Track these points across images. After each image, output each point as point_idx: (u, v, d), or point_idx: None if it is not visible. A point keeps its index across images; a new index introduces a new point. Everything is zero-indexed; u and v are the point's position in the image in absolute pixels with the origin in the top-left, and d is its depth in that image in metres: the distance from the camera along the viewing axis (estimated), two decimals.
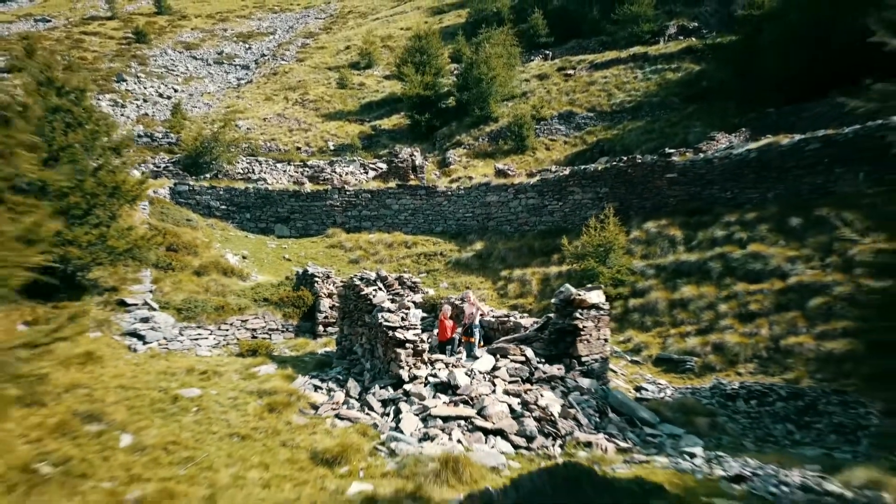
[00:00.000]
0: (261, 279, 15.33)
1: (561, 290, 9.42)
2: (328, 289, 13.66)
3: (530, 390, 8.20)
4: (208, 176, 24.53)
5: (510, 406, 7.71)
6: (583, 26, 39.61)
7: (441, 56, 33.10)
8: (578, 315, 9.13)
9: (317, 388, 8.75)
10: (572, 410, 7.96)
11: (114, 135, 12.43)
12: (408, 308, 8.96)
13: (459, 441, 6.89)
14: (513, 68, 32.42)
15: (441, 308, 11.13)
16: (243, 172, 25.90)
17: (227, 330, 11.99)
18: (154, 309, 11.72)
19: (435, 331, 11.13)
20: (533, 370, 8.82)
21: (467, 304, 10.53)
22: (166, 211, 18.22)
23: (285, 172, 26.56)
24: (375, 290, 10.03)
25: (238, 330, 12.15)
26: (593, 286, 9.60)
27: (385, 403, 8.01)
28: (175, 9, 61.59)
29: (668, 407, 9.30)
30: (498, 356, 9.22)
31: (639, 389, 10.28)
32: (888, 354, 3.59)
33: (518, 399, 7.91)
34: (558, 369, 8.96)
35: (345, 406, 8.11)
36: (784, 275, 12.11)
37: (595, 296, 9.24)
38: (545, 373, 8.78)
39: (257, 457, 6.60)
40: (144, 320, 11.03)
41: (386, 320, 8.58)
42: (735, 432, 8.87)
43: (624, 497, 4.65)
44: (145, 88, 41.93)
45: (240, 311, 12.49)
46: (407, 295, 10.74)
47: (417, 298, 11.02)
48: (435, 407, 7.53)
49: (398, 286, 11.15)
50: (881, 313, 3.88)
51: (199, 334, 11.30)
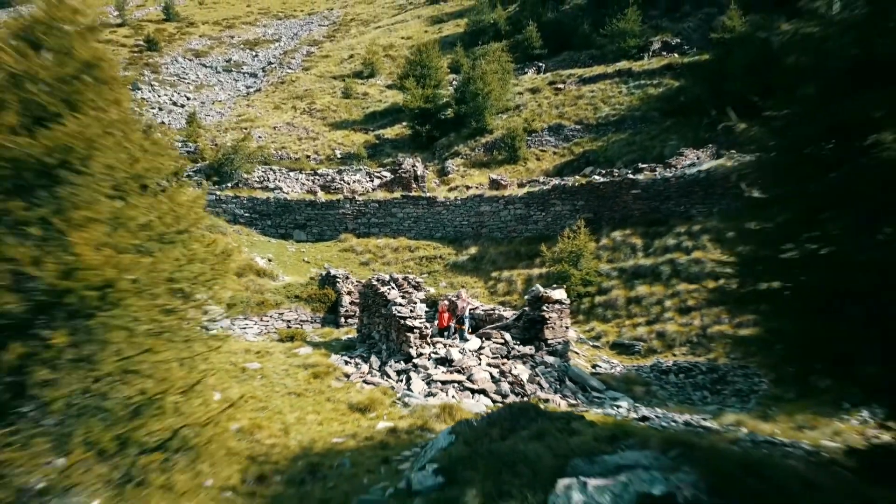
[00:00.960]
0: (288, 279, 18.08)
1: (532, 289, 12.25)
2: (348, 287, 16.46)
3: (507, 363, 11.03)
4: (229, 185, 27.16)
5: (491, 374, 10.54)
6: (574, 39, 41.16)
7: (440, 69, 35.29)
8: (546, 308, 11.96)
9: (346, 363, 11.57)
10: (538, 378, 10.80)
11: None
12: (415, 302, 11.78)
13: (454, 397, 9.72)
14: (507, 83, 34.84)
15: (440, 303, 13.93)
16: (260, 181, 28.43)
17: (268, 321, 14.76)
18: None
19: (435, 321, 13.94)
20: (510, 350, 11.65)
21: (460, 301, 13.33)
22: None
23: (297, 181, 29.06)
24: (389, 289, 12.84)
25: (276, 321, 14.93)
26: (558, 286, 12.45)
27: (399, 373, 10.83)
28: (183, 15, 63.28)
29: (615, 379, 12.15)
30: (483, 339, 12.06)
31: (595, 366, 13.10)
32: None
33: (497, 369, 10.74)
34: (530, 349, 11.79)
35: (369, 374, 10.93)
36: (716, 276, 14.93)
37: (558, 294, 12.07)
38: (519, 352, 11.62)
39: (311, 406, 9.42)
40: (204, 312, 13.73)
41: (399, 312, 11.40)
42: (663, 397, 11.71)
43: (556, 420, 7.43)
44: (159, 97, 43.49)
45: (276, 306, 15.28)
46: (412, 292, 13.54)
47: (421, 295, 13.82)
48: (436, 374, 10.36)
49: (406, 285, 13.96)
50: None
51: (247, 324, 14.04)
